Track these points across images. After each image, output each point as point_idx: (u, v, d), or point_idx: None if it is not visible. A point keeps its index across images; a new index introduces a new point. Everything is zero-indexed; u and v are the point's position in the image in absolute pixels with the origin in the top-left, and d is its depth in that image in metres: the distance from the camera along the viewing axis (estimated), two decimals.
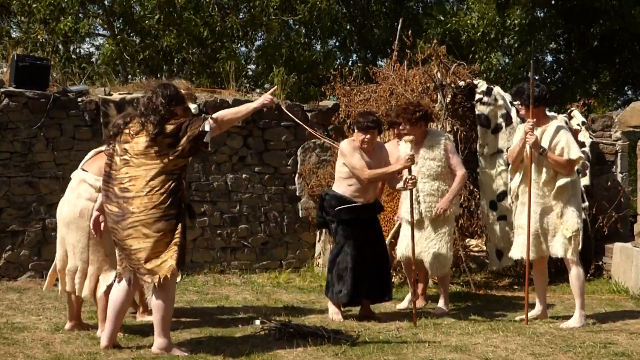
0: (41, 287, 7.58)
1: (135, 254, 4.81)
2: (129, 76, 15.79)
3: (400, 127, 6.65)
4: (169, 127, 4.82)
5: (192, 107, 6.32)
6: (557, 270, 7.87)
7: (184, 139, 4.80)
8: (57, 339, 5.33)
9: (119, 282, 5.00)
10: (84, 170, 5.60)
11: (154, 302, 4.90)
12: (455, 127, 8.23)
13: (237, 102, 8.96)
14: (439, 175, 6.53)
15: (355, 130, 6.29)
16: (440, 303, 6.65)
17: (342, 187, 6.30)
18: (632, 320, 6.31)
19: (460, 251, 7.98)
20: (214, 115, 4.98)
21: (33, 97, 8.05)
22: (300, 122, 8.98)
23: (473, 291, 7.79)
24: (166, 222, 4.78)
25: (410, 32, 8.96)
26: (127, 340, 5.28)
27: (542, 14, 17.16)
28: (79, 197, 5.49)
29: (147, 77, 13.55)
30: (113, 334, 4.98)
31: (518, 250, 6.23)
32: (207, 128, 4.83)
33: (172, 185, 4.81)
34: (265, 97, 5.23)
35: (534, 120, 6.01)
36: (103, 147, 5.39)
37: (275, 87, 6.06)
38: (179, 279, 6.30)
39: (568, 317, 6.19)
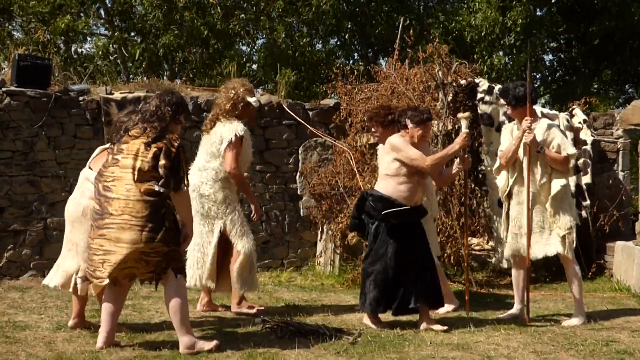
0: (43, 286, 7.60)
1: (100, 255, 4.81)
2: (130, 75, 15.80)
3: (373, 130, 6.59)
4: (154, 148, 4.83)
5: (252, 100, 6.29)
6: (558, 269, 7.86)
7: (161, 165, 4.80)
8: (59, 337, 5.34)
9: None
10: (90, 168, 5.63)
11: (170, 306, 4.94)
12: (457, 126, 8.22)
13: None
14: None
15: (410, 125, 5.95)
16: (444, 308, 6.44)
17: (389, 186, 5.89)
18: (634, 318, 6.31)
19: (462, 249, 7.98)
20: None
21: (34, 96, 8.05)
22: (302, 121, 8.99)
23: (475, 289, 7.79)
24: (138, 232, 4.73)
25: (411, 31, 8.96)
26: (128, 339, 5.29)
27: (542, 13, 17.14)
28: (82, 195, 5.53)
29: (148, 77, 13.54)
30: (108, 335, 4.99)
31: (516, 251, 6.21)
32: (156, 188, 4.79)
33: (152, 197, 4.78)
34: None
35: (532, 118, 6.01)
36: (108, 145, 5.45)
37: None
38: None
39: (570, 315, 6.20)
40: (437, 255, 6.61)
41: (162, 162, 4.79)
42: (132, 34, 16.33)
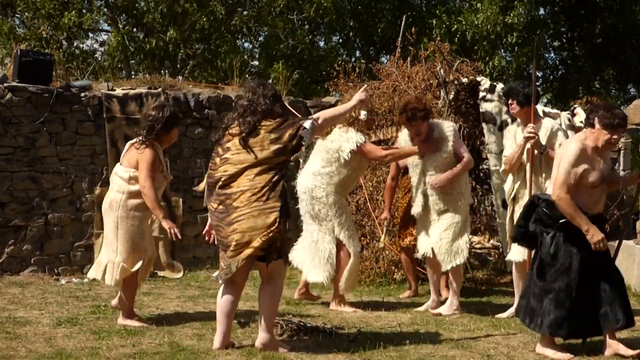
0: (44, 281, 7.62)
1: (238, 248, 4.80)
2: (132, 71, 15.80)
3: (415, 131, 6.36)
4: (271, 124, 4.89)
5: (362, 114, 6.45)
6: None
7: (286, 135, 4.85)
8: (59, 333, 5.34)
9: (222, 283, 4.96)
10: (120, 163, 5.84)
11: (260, 298, 4.96)
12: (458, 124, 8.22)
13: (240, 98, 8.96)
14: (446, 167, 6.35)
15: (597, 126, 4.99)
16: (445, 305, 6.41)
17: (579, 197, 5.00)
18: (635, 317, 6.29)
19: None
20: (315, 116, 5.11)
21: (36, 92, 8.05)
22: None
23: (475, 288, 7.79)
24: (268, 215, 4.77)
25: (414, 29, 8.96)
26: (127, 336, 5.29)
27: (544, 12, 17.15)
28: (111, 189, 5.79)
29: (150, 73, 13.55)
30: (225, 335, 4.93)
31: (519, 253, 6.16)
32: (307, 126, 4.89)
33: (274, 179, 4.83)
34: (360, 95, 5.32)
35: (534, 125, 5.96)
36: (135, 140, 5.78)
37: (365, 85, 6.10)
38: (180, 274, 6.34)
39: None
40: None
41: (285, 136, 4.86)
42: (135, 29, 16.33)
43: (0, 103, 7.89)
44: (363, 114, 6.41)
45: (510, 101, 6.27)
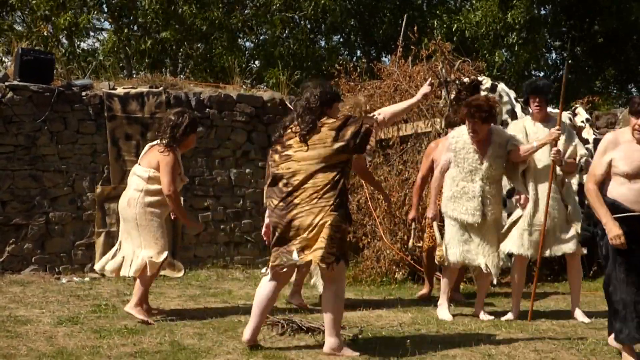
0: (45, 280, 7.62)
1: (299, 245, 4.79)
2: (133, 71, 15.79)
3: (471, 127, 5.97)
4: (333, 122, 4.87)
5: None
6: (561, 267, 7.85)
7: (349, 133, 4.82)
8: (60, 332, 5.34)
9: (270, 279, 4.95)
10: (139, 164, 6.02)
11: (324, 301, 4.90)
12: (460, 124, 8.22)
13: (241, 97, 8.98)
14: (500, 177, 6.14)
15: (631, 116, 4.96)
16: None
17: (617, 188, 4.74)
18: None
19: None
20: (377, 112, 5.13)
21: (37, 91, 8.05)
22: None
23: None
24: (329, 213, 4.75)
25: (415, 28, 8.96)
26: (128, 334, 5.29)
27: (545, 12, 17.14)
28: (129, 187, 5.99)
29: (151, 72, 13.53)
30: (256, 330, 4.94)
31: (521, 246, 6.10)
32: (370, 124, 4.88)
33: (336, 178, 4.82)
34: (424, 89, 5.38)
35: (558, 131, 5.93)
36: (155, 142, 5.98)
37: (430, 79, 5.79)
38: (181, 273, 6.33)
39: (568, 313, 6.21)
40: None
41: (347, 134, 4.83)
42: (134, 28, 16.32)
43: (2, 102, 7.89)
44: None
45: (537, 99, 6.18)
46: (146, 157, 5.98)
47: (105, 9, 16.37)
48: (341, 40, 18.88)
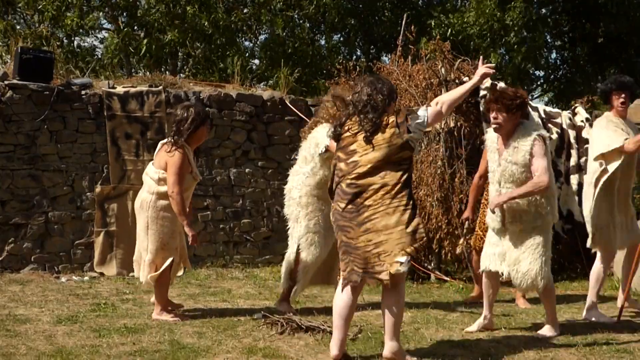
0: (44, 279, 7.62)
1: (373, 249, 4.58)
2: (133, 70, 15.79)
3: (493, 114, 5.43)
4: (393, 120, 4.66)
5: None
6: (560, 267, 7.86)
7: (404, 129, 4.62)
8: (60, 331, 5.34)
9: (342, 288, 4.71)
10: (152, 163, 5.95)
11: (385, 305, 4.69)
12: (459, 123, 8.22)
13: (241, 96, 8.98)
14: (523, 181, 5.37)
15: None
16: (545, 329, 5.59)
17: None
18: (635, 317, 6.30)
19: (463, 247, 7.97)
20: (437, 100, 4.87)
21: (37, 90, 8.04)
22: (304, 117, 8.99)
23: (476, 286, 7.77)
24: (403, 212, 4.58)
25: (413, 27, 8.95)
26: (128, 333, 5.29)
27: (545, 11, 17.13)
28: (143, 189, 5.93)
29: (151, 71, 13.53)
30: (342, 342, 4.68)
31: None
32: (420, 113, 4.71)
33: (404, 177, 4.62)
34: (482, 69, 5.05)
35: None
36: (165, 140, 5.89)
37: (482, 58, 5.45)
38: (180, 272, 6.33)
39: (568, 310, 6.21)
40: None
41: (403, 130, 4.63)
42: (136, 28, 16.32)
43: (1, 101, 7.89)
44: None
45: (622, 94, 6.06)
46: (157, 157, 5.89)
47: (107, 9, 16.37)
48: (341, 39, 18.89)
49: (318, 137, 5.97)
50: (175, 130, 5.81)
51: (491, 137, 5.57)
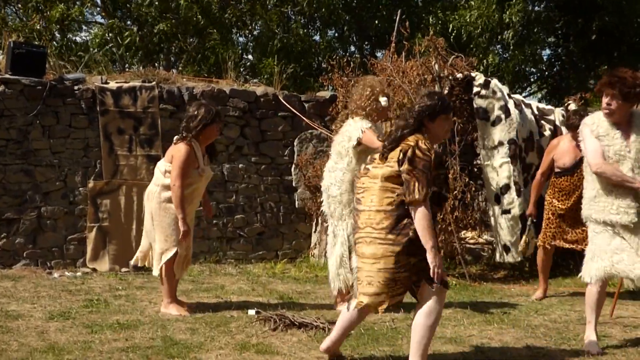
0: (36, 275, 7.60)
1: (360, 273, 4.35)
2: (126, 65, 15.75)
3: (606, 100, 4.94)
4: (397, 151, 4.26)
5: (382, 100, 6.00)
6: (554, 264, 7.87)
7: (404, 165, 4.19)
8: (52, 327, 5.33)
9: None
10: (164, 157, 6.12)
11: (415, 322, 4.35)
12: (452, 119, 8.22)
13: (234, 92, 8.97)
14: None
15: None
16: None
17: None
18: (626, 313, 6.33)
19: (455, 243, 7.99)
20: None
21: (29, 85, 8.01)
22: (297, 113, 8.98)
23: (468, 283, 7.80)
24: (381, 246, 4.22)
25: (407, 23, 8.95)
26: (120, 329, 5.28)
27: (539, 8, 17.14)
28: (151, 181, 6.08)
29: (144, 66, 13.49)
30: (334, 342, 4.61)
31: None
32: (394, 197, 4.23)
33: (393, 206, 4.21)
34: None
35: None
36: (178, 136, 5.96)
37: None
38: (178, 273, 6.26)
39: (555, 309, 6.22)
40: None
41: (404, 167, 4.19)
42: (128, 22, 16.28)
43: None
44: (384, 100, 6.00)
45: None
46: (168, 151, 6.03)
47: (99, 2, 16.31)
48: (335, 35, 18.86)
49: (350, 131, 5.92)
50: (185, 126, 5.93)
51: (605, 126, 4.99)
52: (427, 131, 4.35)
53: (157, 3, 15.05)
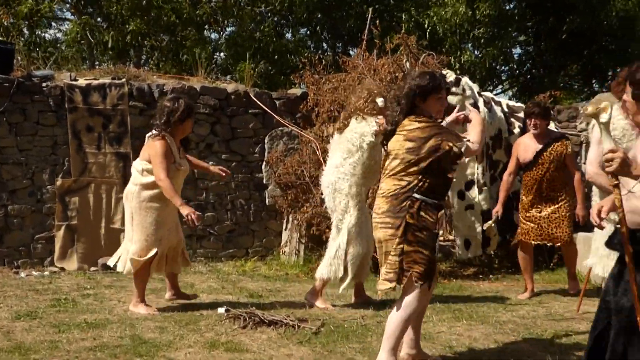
0: (3, 274, 7.50)
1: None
2: (96, 62, 15.60)
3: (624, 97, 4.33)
4: (415, 129, 4.25)
5: (379, 100, 6.09)
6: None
7: (426, 147, 4.20)
8: (18, 327, 5.26)
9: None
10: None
11: (390, 315, 4.34)
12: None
13: (204, 89, 8.91)
14: None
15: None
16: None
17: None
18: (593, 309, 6.38)
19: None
20: (473, 139, 4.34)
21: None
22: (268, 110, 8.95)
23: (438, 280, 7.83)
24: (382, 230, 4.27)
25: (378, 21, 8.96)
26: (88, 329, 5.23)
27: (511, 6, 17.28)
28: (129, 181, 5.99)
29: (114, 64, 13.35)
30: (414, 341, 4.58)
31: None
32: (462, 149, 4.21)
33: (397, 191, 4.24)
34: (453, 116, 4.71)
35: None
36: (150, 133, 5.88)
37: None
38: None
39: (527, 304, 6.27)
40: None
41: (424, 148, 4.20)
42: (99, 19, 16.12)
43: None
44: (380, 101, 6.10)
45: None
46: (143, 149, 5.91)
47: None
48: (308, 33, 18.85)
49: (362, 127, 6.10)
50: (165, 120, 5.81)
51: (620, 126, 5.10)
52: (420, 112, 4.34)
53: (127, 2, 14.91)
